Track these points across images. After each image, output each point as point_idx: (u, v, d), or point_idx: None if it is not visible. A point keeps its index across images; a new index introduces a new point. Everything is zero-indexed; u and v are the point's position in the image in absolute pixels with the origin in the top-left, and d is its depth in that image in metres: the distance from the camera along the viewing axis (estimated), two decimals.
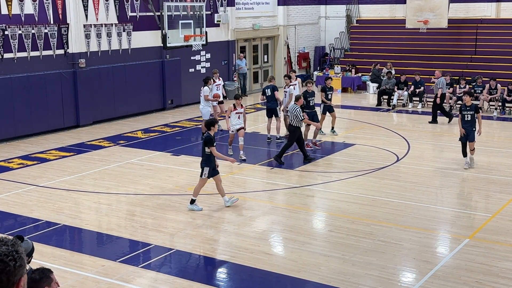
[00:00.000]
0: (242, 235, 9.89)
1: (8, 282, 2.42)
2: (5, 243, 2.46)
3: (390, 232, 9.97)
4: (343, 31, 29.84)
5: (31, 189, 12.57)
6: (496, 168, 13.91)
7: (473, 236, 9.76)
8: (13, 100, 17.02)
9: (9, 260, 2.42)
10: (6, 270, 2.41)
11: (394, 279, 8.28)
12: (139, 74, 20.71)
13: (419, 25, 24.97)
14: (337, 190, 12.53)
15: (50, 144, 16.75)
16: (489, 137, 17.21)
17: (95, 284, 8.20)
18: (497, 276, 8.29)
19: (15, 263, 2.44)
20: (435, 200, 11.88)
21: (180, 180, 13.23)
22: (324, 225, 10.75)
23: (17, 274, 2.45)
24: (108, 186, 12.78)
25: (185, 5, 20.56)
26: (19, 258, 2.46)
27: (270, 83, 16.90)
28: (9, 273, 2.42)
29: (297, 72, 28.92)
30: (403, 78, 22.54)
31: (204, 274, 8.60)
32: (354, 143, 16.34)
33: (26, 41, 17.31)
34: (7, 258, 2.42)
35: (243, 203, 11.64)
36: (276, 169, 14.10)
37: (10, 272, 2.42)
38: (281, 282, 8.30)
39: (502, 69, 23.83)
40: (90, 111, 19.15)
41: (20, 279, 2.48)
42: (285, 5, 27.85)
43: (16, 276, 2.45)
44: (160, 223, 10.51)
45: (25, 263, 2.51)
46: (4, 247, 2.44)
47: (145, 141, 17.16)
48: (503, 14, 26.46)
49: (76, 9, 18.50)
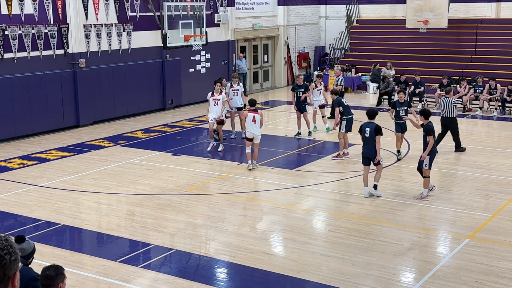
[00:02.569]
0: (242, 235, 9.89)
1: (4, 276, 2.46)
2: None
3: (390, 232, 9.97)
4: (343, 31, 29.84)
5: (31, 189, 12.57)
6: (496, 168, 13.91)
7: (473, 236, 9.76)
8: (13, 100, 17.01)
9: (4, 254, 2.46)
10: (3, 264, 2.45)
11: (394, 279, 8.28)
12: (139, 74, 20.71)
13: (419, 25, 24.97)
14: (337, 190, 12.53)
15: (50, 144, 16.75)
16: (489, 137, 17.23)
17: (95, 284, 8.20)
18: (497, 276, 8.29)
19: (10, 257, 2.48)
20: (435, 200, 11.87)
21: (180, 180, 13.23)
22: (324, 225, 10.75)
23: (13, 268, 2.49)
24: (108, 186, 12.78)
25: (185, 5, 20.56)
26: (13, 252, 2.50)
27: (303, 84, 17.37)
28: (5, 266, 2.46)
29: (296, 72, 28.96)
30: (403, 78, 22.53)
31: (204, 274, 8.60)
32: (354, 143, 16.34)
33: (26, 41, 17.31)
34: (2, 252, 2.46)
35: (243, 203, 11.64)
36: (276, 169, 14.10)
37: (6, 265, 2.46)
38: (281, 282, 8.30)
39: (502, 69, 23.83)
40: (90, 111, 19.15)
41: (15, 273, 2.51)
42: (285, 5, 27.85)
43: (12, 270, 2.49)
44: (160, 223, 10.51)
45: (19, 258, 2.53)
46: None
47: (145, 141, 17.16)
48: (503, 14, 26.46)
49: (76, 9, 18.50)
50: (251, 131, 13.64)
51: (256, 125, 13.61)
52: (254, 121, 13.60)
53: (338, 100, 15.12)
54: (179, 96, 22.35)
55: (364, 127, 11.89)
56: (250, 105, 13.88)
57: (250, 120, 13.63)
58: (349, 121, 14.98)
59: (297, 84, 17.30)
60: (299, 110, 17.19)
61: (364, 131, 11.86)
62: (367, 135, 11.80)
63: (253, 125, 13.60)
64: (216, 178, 13.32)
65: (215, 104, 15.73)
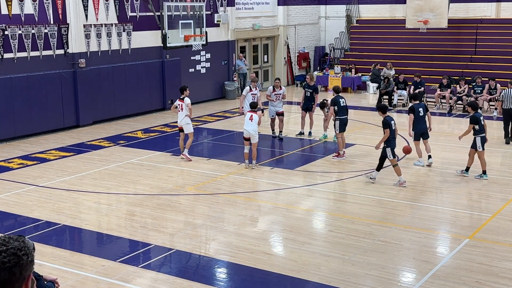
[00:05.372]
0: (242, 235, 9.89)
1: (20, 275, 2.53)
2: (16, 239, 2.59)
3: (390, 232, 9.97)
4: (343, 31, 29.84)
5: (31, 189, 12.57)
6: (496, 168, 13.91)
7: (473, 236, 9.76)
8: (13, 100, 17.01)
9: (22, 254, 2.54)
10: (20, 264, 2.52)
11: (394, 279, 8.28)
12: (139, 74, 20.71)
13: (419, 25, 24.96)
14: (337, 190, 12.53)
15: (50, 144, 16.75)
16: (489, 137, 17.18)
17: (95, 284, 8.20)
18: (497, 276, 8.29)
19: (27, 257, 2.56)
20: (435, 200, 11.88)
21: (180, 180, 13.23)
22: (324, 225, 10.75)
23: (28, 269, 2.57)
24: (108, 186, 12.78)
25: (185, 5, 20.57)
26: (30, 253, 2.59)
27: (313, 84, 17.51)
28: (22, 266, 2.53)
29: (296, 72, 28.98)
30: (401, 78, 22.55)
31: (204, 274, 8.60)
32: (354, 143, 16.34)
33: (26, 41, 17.31)
34: (20, 252, 2.54)
35: (243, 203, 11.64)
36: (276, 169, 14.10)
37: (23, 266, 2.53)
38: (281, 282, 8.30)
39: (502, 69, 23.83)
40: (90, 111, 19.14)
41: (30, 274, 2.59)
42: (285, 5, 27.85)
43: (27, 271, 2.56)
44: (160, 223, 10.51)
45: (34, 259, 2.61)
46: (16, 243, 2.56)
47: (145, 141, 17.16)
48: (503, 14, 26.46)
49: (76, 9, 18.50)
50: (247, 129, 13.75)
51: (252, 123, 13.75)
52: (251, 120, 13.78)
53: (334, 99, 15.06)
54: (179, 96, 22.28)
55: (417, 107, 13.94)
56: (251, 108, 14.14)
57: (248, 119, 13.83)
58: (342, 121, 14.91)
59: (307, 84, 17.30)
60: (306, 109, 17.15)
61: (418, 111, 14.00)
62: (421, 114, 14.02)
63: (250, 123, 13.78)
64: (216, 178, 13.32)
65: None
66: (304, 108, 17.21)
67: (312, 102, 17.13)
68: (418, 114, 13.99)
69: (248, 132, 13.77)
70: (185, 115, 14.74)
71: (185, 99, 14.83)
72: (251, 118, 13.81)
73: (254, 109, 14.11)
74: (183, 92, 14.95)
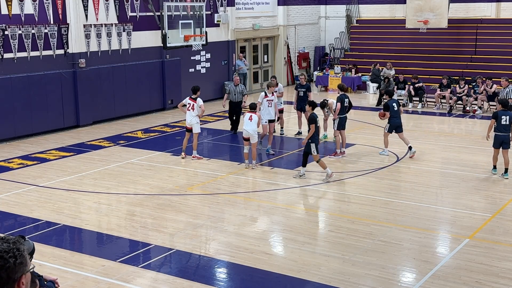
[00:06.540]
0: (242, 235, 9.89)
1: (9, 279, 2.45)
2: (6, 241, 2.50)
3: (390, 232, 9.97)
4: (343, 31, 29.84)
5: (31, 189, 12.57)
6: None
7: (473, 236, 9.76)
8: (13, 100, 17.01)
9: (9, 257, 2.45)
10: (6, 267, 2.44)
11: (394, 279, 8.28)
12: (139, 74, 20.71)
13: (419, 25, 24.97)
14: (337, 190, 12.53)
15: (50, 144, 16.74)
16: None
17: (95, 284, 8.20)
18: (497, 276, 8.29)
19: (15, 260, 2.46)
20: (435, 200, 11.88)
21: (180, 180, 13.23)
22: (324, 225, 10.75)
23: (18, 271, 2.48)
24: (108, 186, 12.78)
25: (185, 5, 20.57)
26: (19, 255, 2.49)
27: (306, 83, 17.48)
28: (9, 269, 2.44)
29: (296, 72, 28.97)
30: (401, 78, 22.55)
31: (204, 274, 8.60)
32: (354, 143, 16.34)
33: (26, 41, 17.31)
34: (7, 255, 2.45)
35: (243, 203, 11.64)
36: (276, 169, 14.10)
37: (10, 268, 2.44)
38: (281, 282, 8.30)
39: (502, 69, 23.80)
40: (90, 111, 19.14)
41: (21, 276, 2.50)
42: (285, 5, 27.85)
43: (17, 273, 2.47)
44: (160, 223, 10.51)
45: (27, 261, 2.53)
46: (5, 245, 2.48)
47: (145, 141, 17.16)
48: (503, 14, 26.47)
49: (76, 9, 18.50)
50: (247, 129, 13.79)
51: (252, 123, 13.80)
52: (251, 120, 13.83)
53: (340, 96, 15.28)
54: (179, 96, 22.29)
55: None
56: (250, 109, 14.21)
57: (247, 119, 13.88)
58: (342, 120, 15.13)
59: (300, 84, 17.33)
60: (300, 109, 17.19)
61: (392, 106, 14.47)
62: (395, 109, 14.57)
63: (249, 123, 13.82)
64: (216, 178, 13.32)
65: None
66: (299, 108, 17.20)
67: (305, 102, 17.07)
68: (393, 109, 14.78)
69: (247, 132, 13.79)
70: (195, 115, 14.69)
71: (198, 99, 14.72)
72: (250, 118, 13.85)
73: (253, 110, 14.17)
74: (196, 92, 14.87)
